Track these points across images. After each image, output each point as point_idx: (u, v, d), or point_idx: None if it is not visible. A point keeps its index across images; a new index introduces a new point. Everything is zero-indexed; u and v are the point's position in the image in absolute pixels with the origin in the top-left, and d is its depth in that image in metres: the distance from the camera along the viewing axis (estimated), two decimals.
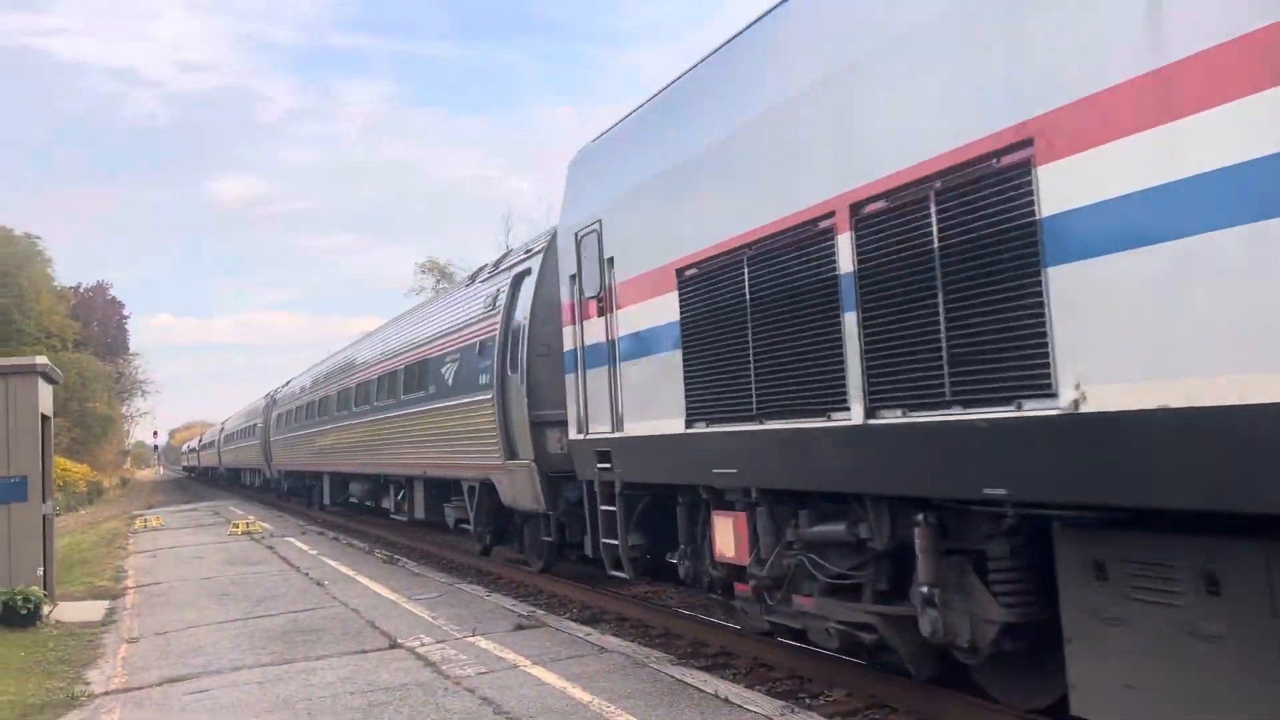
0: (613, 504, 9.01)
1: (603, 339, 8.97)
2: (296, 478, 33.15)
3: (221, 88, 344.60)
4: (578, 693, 6.94)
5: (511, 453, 12.09)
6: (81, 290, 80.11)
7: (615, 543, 9.03)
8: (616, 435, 8.74)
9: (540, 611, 10.52)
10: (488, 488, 13.45)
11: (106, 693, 7.88)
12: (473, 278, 15.69)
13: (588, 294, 9.26)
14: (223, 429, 62.03)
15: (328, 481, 26.82)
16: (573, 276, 9.63)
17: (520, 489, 11.99)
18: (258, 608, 11.66)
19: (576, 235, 9.53)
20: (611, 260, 8.82)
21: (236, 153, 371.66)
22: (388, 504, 20.54)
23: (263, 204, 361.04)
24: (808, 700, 7.12)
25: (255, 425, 40.68)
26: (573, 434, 9.74)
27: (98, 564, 17.86)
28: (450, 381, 14.50)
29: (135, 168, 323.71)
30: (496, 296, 13.14)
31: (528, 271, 12.40)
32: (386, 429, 18.44)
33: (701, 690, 6.85)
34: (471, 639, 9.05)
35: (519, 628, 9.48)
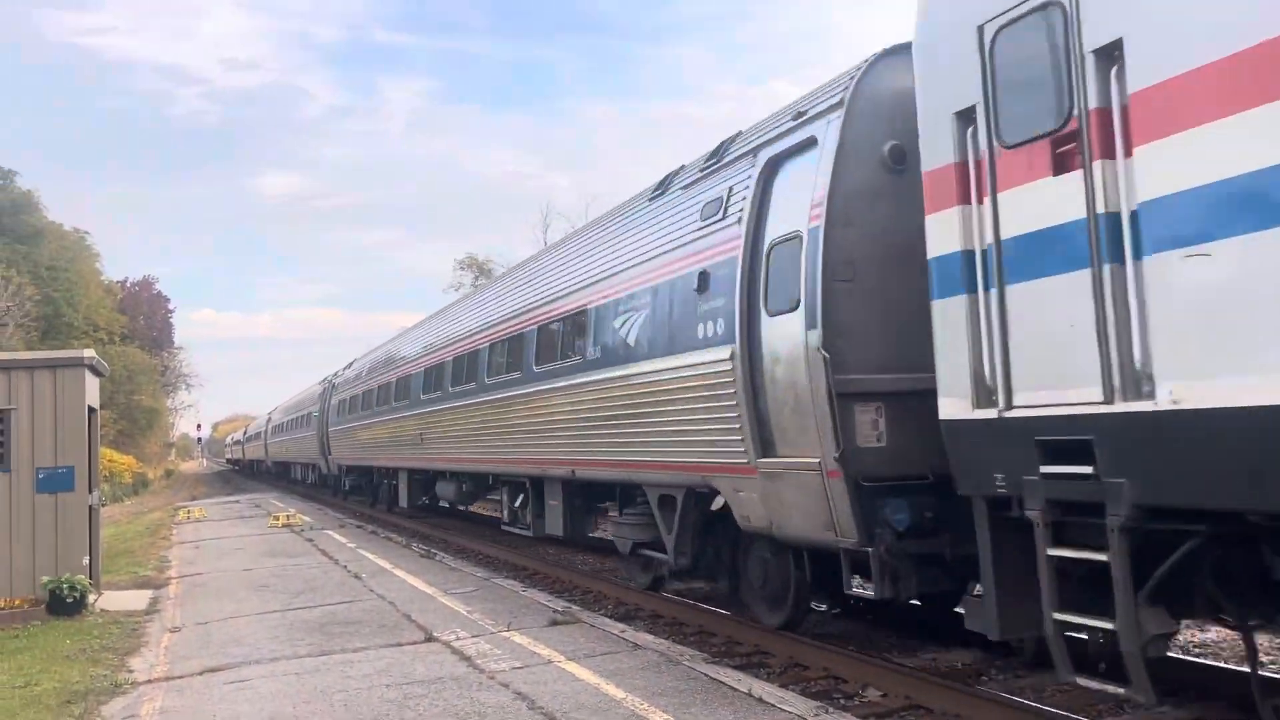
0: (1087, 548, 5.08)
1: (1074, 214, 5.05)
2: (361, 474, 28.42)
3: (265, 85, 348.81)
4: (611, 689, 6.95)
5: (766, 445, 7.77)
6: (128, 285, 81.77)
7: (1088, 623, 5.16)
8: (1123, 408, 4.80)
9: (575, 607, 10.54)
10: (696, 498, 9.18)
11: (149, 681, 8.01)
12: (663, 184, 10.47)
13: (1020, 137, 5.41)
14: (269, 419, 56.74)
15: (405, 480, 21.84)
16: (963, 114, 5.83)
17: (793, 505, 7.53)
18: (296, 599, 11.81)
19: (982, 31, 5.65)
20: (1114, 49, 4.87)
21: (279, 149, 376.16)
22: (494, 511, 17.22)
23: (304, 200, 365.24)
24: (842, 701, 7.09)
25: (309, 414, 36.06)
26: (954, 410, 5.88)
27: (142, 554, 18.17)
28: (632, 338, 9.84)
29: (180, 164, 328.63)
30: (727, 198, 8.56)
31: (807, 144, 7.74)
32: (505, 413, 13.68)
33: (735, 689, 6.84)
34: (506, 634, 9.10)
35: (554, 623, 9.51)
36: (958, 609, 9.16)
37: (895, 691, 7.05)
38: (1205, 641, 8.38)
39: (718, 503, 8.93)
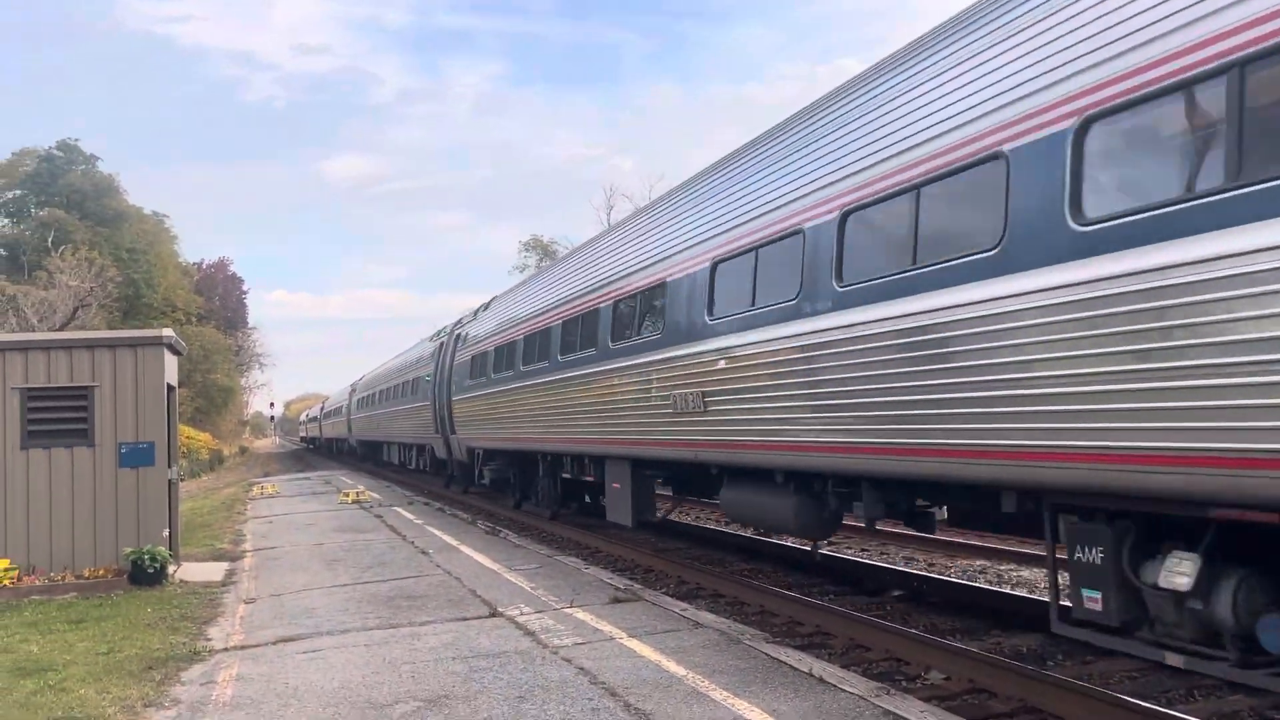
0: None
1: None
2: (510, 462, 19.81)
3: (335, 70, 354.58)
4: (672, 666, 7.00)
5: None
6: (204, 266, 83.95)
7: None
8: None
9: (637, 585, 10.61)
10: None
11: (226, 649, 8.28)
12: None
13: None
14: (353, 390, 49.33)
15: (628, 476, 12.66)
16: None
17: None
18: (366, 573, 12.08)
19: None
20: None
21: (349, 133, 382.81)
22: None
23: (373, 183, 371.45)
24: (904, 683, 7.06)
25: (416, 380, 28.24)
26: None
27: (218, 528, 18.74)
28: None
29: (253, 148, 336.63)
30: None
31: None
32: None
33: (796, 669, 6.84)
34: (569, 610, 9.21)
35: (616, 600, 9.59)
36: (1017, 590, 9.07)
37: (958, 674, 7.00)
38: None
39: None
